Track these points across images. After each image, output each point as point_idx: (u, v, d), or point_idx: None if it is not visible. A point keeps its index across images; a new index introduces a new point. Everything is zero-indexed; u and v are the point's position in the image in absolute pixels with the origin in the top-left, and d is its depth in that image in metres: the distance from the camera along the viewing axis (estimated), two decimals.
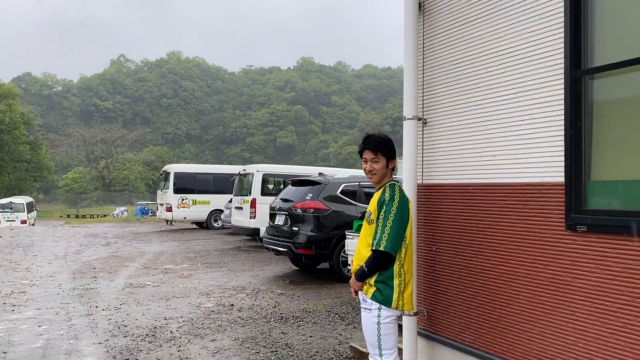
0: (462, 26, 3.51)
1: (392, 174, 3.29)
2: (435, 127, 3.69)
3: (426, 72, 3.81)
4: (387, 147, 3.21)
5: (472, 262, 3.42)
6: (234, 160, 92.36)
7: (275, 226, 9.83)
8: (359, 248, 3.26)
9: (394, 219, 3.01)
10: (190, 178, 21.42)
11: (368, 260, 3.08)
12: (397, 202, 3.05)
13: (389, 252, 2.99)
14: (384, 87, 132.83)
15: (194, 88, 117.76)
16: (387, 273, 3.08)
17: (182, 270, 10.71)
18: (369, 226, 3.18)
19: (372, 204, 3.18)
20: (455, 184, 3.53)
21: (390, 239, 2.98)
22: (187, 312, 6.98)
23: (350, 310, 7.02)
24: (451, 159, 3.56)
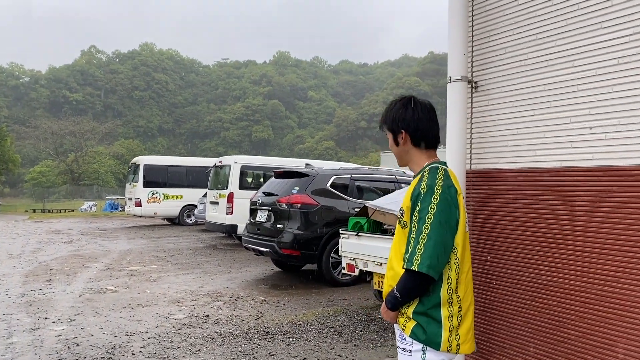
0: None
1: (429, 152, 2.26)
2: (491, 92, 2.70)
3: (477, 17, 2.81)
4: (389, 114, 2.25)
5: (552, 279, 2.43)
6: (208, 155, 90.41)
7: (256, 223, 8.76)
8: (391, 261, 2.25)
9: (434, 222, 2.02)
10: (161, 171, 20.14)
11: (399, 282, 2.10)
12: (439, 194, 2.05)
13: (425, 274, 2.00)
14: (360, 83, 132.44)
15: (167, 81, 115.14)
16: (431, 300, 2.09)
17: (150, 272, 9.57)
18: (402, 230, 2.18)
19: (405, 198, 2.18)
20: (523, 170, 2.54)
21: (428, 252, 1.99)
22: (153, 326, 5.89)
23: (347, 322, 6.03)
24: (515, 136, 2.58)
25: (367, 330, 5.69)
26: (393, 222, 6.02)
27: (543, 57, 2.45)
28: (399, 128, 2.22)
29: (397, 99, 2.27)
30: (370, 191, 8.83)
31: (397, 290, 2.11)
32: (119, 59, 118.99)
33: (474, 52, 2.81)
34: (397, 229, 2.24)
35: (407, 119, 2.22)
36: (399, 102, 2.25)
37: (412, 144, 2.23)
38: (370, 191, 8.83)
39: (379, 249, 5.94)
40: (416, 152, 2.24)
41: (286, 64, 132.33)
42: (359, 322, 6.03)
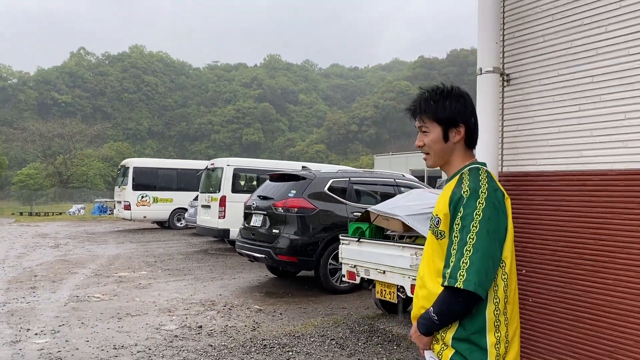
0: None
1: (469, 152, 1.97)
2: (526, 86, 2.42)
3: (509, 1, 2.52)
4: (443, 104, 1.90)
5: (603, 297, 2.14)
6: (198, 158, 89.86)
7: (250, 228, 8.43)
8: (422, 278, 1.94)
9: (480, 230, 1.72)
10: (151, 173, 19.71)
11: (437, 302, 1.79)
12: (485, 199, 1.76)
13: (474, 292, 1.69)
14: (351, 87, 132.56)
15: (157, 83, 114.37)
16: (475, 324, 1.78)
17: (139, 278, 9.19)
18: (436, 241, 1.88)
19: (441, 204, 1.88)
20: (566, 173, 2.25)
21: (476, 266, 1.69)
22: (143, 338, 5.54)
23: (349, 333, 5.71)
24: (556, 134, 2.29)
25: (371, 343, 5.38)
26: (397, 228, 5.73)
27: (591, 45, 2.17)
28: (458, 121, 1.90)
29: (442, 87, 1.95)
30: (369, 195, 8.54)
31: (434, 311, 1.79)
32: (109, 61, 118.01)
33: (505, 42, 2.52)
34: (430, 241, 1.94)
35: (467, 112, 1.91)
36: (451, 90, 1.93)
37: (464, 141, 1.93)
38: (369, 195, 8.54)
39: (382, 256, 5.65)
40: (461, 152, 1.94)
41: (277, 67, 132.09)
42: (361, 333, 5.72)
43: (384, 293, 5.81)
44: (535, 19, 2.42)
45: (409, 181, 9.06)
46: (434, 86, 1.98)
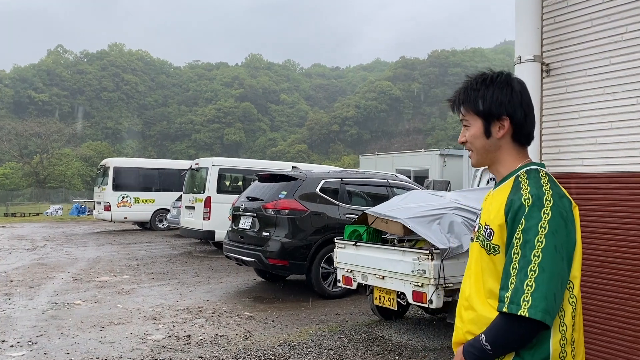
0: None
1: (522, 150, 1.67)
2: (570, 77, 2.17)
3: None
4: (484, 93, 1.62)
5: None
6: (179, 157, 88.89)
7: (239, 230, 8.10)
8: (468, 299, 1.65)
9: (547, 247, 1.43)
10: (131, 173, 19.22)
11: (492, 329, 1.50)
12: (550, 208, 1.47)
13: (540, 321, 1.41)
14: (333, 87, 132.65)
15: (136, 82, 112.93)
16: (536, 356, 1.49)
17: (122, 283, 8.79)
18: (487, 256, 1.59)
19: (492, 212, 1.60)
20: (620, 175, 1.99)
21: (542, 290, 1.41)
22: (128, 349, 5.19)
23: (346, 342, 5.43)
24: (608, 131, 2.03)
25: (371, 352, 5.11)
26: (397, 232, 5.46)
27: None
28: (501, 113, 1.61)
29: (487, 73, 1.66)
30: (361, 196, 8.27)
31: (486, 339, 1.50)
32: (87, 59, 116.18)
33: (543, 28, 2.26)
34: (477, 256, 1.64)
35: (514, 103, 1.61)
36: (496, 77, 1.63)
37: (512, 137, 1.64)
38: (361, 196, 8.27)
39: (381, 261, 5.38)
40: (510, 150, 1.65)
41: (258, 66, 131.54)
42: (359, 342, 5.44)
43: (383, 299, 5.54)
44: (580, 2, 2.17)
45: (402, 182, 8.82)
46: (479, 72, 1.69)
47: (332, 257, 7.30)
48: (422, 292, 4.93)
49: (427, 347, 5.28)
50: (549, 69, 2.27)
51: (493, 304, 1.55)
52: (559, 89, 2.27)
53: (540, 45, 2.20)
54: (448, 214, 5.36)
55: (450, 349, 5.22)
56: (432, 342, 5.48)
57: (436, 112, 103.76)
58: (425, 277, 4.88)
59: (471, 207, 5.55)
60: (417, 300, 5.01)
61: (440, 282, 4.84)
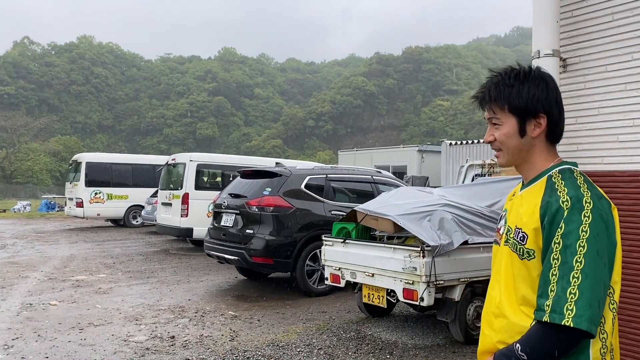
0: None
1: (553, 148, 1.59)
2: (589, 72, 2.12)
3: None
4: (519, 90, 1.52)
5: None
6: (150, 152, 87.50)
7: (221, 228, 7.93)
8: (499, 306, 1.56)
9: (589, 252, 1.36)
10: (104, 169, 18.75)
11: (529, 338, 1.42)
12: (590, 211, 1.39)
13: (586, 331, 1.34)
14: (308, 82, 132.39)
15: (107, 75, 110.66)
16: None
17: (98, 282, 8.54)
18: (520, 261, 1.51)
19: (525, 215, 1.51)
20: (635, 173, 1.94)
21: (587, 299, 1.34)
22: (110, 352, 5.01)
23: (336, 341, 5.34)
24: (630, 128, 1.97)
25: (361, 352, 5.04)
26: (387, 229, 5.40)
27: None
28: (538, 110, 1.52)
29: (517, 67, 1.56)
30: (347, 192, 8.19)
31: (522, 349, 1.42)
32: (55, 52, 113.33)
33: (560, 22, 2.20)
34: (509, 261, 1.55)
35: (550, 99, 1.52)
36: (529, 72, 1.54)
37: (545, 135, 1.55)
38: (347, 192, 8.19)
39: (370, 258, 5.32)
40: (542, 149, 1.56)
41: (232, 60, 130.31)
42: (349, 341, 5.37)
43: (372, 297, 5.48)
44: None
45: (386, 178, 8.77)
46: (507, 67, 1.60)
47: (317, 254, 7.24)
48: (413, 290, 4.88)
49: (417, 345, 5.23)
50: (566, 64, 2.22)
51: (526, 312, 1.48)
52: (577, 84, 2.21)
53: (558, 39, 2.15)
54: (438, 210, 5.32)
55: (440, 347, 5.19)
56: (422, 339, 5.44)
57: (410, 108, 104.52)
58: (417, 274, 4.83)
59: (460, 204, 5.52)
60: (407, 298, 4.96)
61: (432, 280, 4.80)
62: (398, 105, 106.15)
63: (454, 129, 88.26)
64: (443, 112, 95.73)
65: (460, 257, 5.03)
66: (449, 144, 17.45)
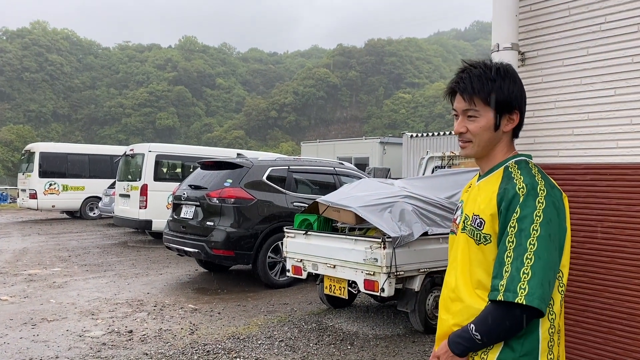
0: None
1: (513, 143, 1.68)
2: (546, 66, 2.15)
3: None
4: (500, 85, 1.57)
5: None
6: (108, 142, 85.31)
7: (180, 220, 7.80)
8: (455, 290, 1.62)
9: (542, 235, 1.43)
10: (59, 159, 18.15)
11: (483, 318, 1.49)
12: (544, 198, 1.47)
13: (536, 308, 1.41)
14: (270, 72, 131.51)
15: (62, 62, 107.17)
16: (526, 344, 1.49)
17: (53, 276, 8.28)
18: (477, 246, 1.56)
19: (482, 202, 1.57)
20: (597, 166, 1.99)
21: (538, 278, 1.41)
22: (65, 348, 4.86)
23: (297, 333, 5.33)
24: (585, 122, 2.02)
25: (322, 343, 5.05)
26: (348, 220, 5.41)
27: (633, 20, 1.91)
28: (514, 106, 1.59)
29: (493, 63, 1.62)
30: (309, 184, 8.16)
31: (476, 329, 1.48)
32: (7, 37, 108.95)
33: (519, 16, 2.22)
34: (465, 246, 1.61)
35: (523, 97, 1.62)
36: (506, 69, 1.60)
37: (513, 130, 1.63)
38: (309, 184, 8.16)
39: (332, 250, 5.32)
40: (507, 142, 1.64)
41: (193, 49, 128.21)
42: (310, 332, 5.37)
43: (334, 288, 5.49)
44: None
45: (348, 169, 8.80)
46: (482, 62, 1.63)
47: (279, 246, 7.21)
48: (374, 281, 4.92)
49: (377, 336, 5.28)
50: (524, 57, 2.25)
51: (481, 295, 1.54)
52: (534, 78, 2.25)
53: (517, 33, 2.17)
54: (399, 202, 5.36)
55: (400, 337, 5.25)
56: (382, 330, 5.49)
57: (373, 100, 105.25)
58: (377, 265, 4.86)
59: (420, 195, 5.58)
60: (368, 289, 4.99)
61: (392, 270, 4.84)
62: (360, 98, 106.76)
63: (415, 121, 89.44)
64: (404, 104, 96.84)
65: (420, 248, 5.09)
66: (410, 136, 17.65)
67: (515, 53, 2.13)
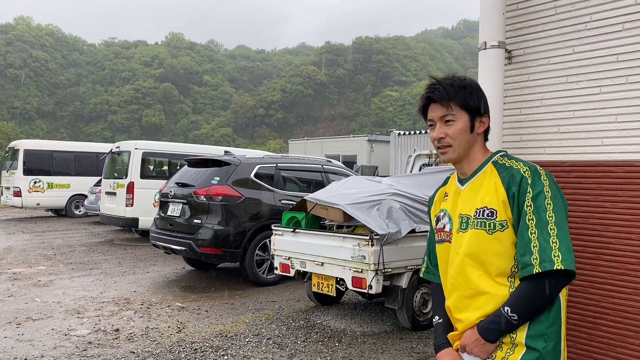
0: None
1: (485, 144, 1.82)
2: (533, 64, 2.17)
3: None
4: (470, 92, 1.71)
5: (627, 301, 1.93)
6: (94, 140, 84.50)
7: (167, 218, 7.75)
8: (472, 286, 1.66)
9: (555, 208, 1.57)
10: (44, 157, 17.95)
11: (517, 298, 1.57)
12: (546, 175, 1.62)
13: (572, 271, 1.54)
14: (258, 70, 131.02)
15: (46, 59, 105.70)
16: (552, 315, 1.58)
17: (37, 274, 8.19)
18: (489, 236, 1.62)
19: (488, 195, 1.66)
20: (582, 163, 2.01)
21: (566, 244, 1.53)
22: (50, 347, 4.82)
23: (285, 330, 5.33)
24: (570, 120, 2.04)
25: (310, 340, 5.05)
26: (336, 218, 5.41)
27: (617, 19, 1.93)
28: (485, 110, 1.74)
29: (461, 75, 1.77)
30: (297, 182, 8.16)
31: (513, 310, 1.55)
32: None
33: (506, 14, 2.23)
34: (473, 241, 1.66)
35: (488, 103, 1.78)
36: (471, 80, 1.77)
37: (484, 132, 1.78)
38: (297, 182, 8.16)
39: (320, 248, 5.32)
40: (481, 144, 1.78)
41: (180, 46, 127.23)
42: (298, 329, 5.37)
43: (322, 286, 5.50)
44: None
45: (336, 167, 8.80)
46: (451, 74, 1.78)
47: (267, 244, 7.20)
48: (362, 278, 4.93)
49: (365, 333, 5.30)
50: (511, 56, 2.27)
51: (501, 282, 1.62)
52: (521, 76, 2.26)
53: (504, 31, 2.18)
54: (386, 199, 5.38)
55: (388, 334, 5.27)
56: (370, 327, 5.51)
57: (360, 98, 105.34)
58: (365, 262, 4.87)
59: (408, 193, 5.61)
60: (356, 286, 5.00)
61: (380, 268, 4.86)
62: (348, 95, 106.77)
63: (402, 119, 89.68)
64: (392, 102, 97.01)
65: (407, 245, 5.11)
66: (398, 134, 17.70)
67: (502, 51, 2.15)
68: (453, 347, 1.73)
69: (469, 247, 1.66)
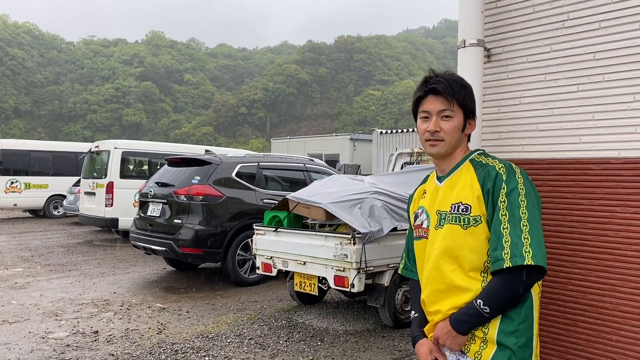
0: None
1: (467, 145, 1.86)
2: (511, 62, 2.18)
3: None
4: (469, 93, 1.75)
5: (605, 297, 1.94)
6: (73, 139, 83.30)
7: (147, 218, 7.66)
8: (446, 280, 1.67)
9: (529, 205, 1.59)
10: (21, 156, 17.64)
11: (489, 291, 1.58)
12: (520, 173, 1.65)
13: (542, 267, 1.55)
14: (240, 68, 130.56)
15: (24, 57, 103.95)
16: (522, 312, 1.60)
17: (14, 276, 8.04)
18: (464, 231, 1.64)
19: (464, 190, 1.68)
20: (560, 161, 2.03)
21: (537, 241, 1.55)
22: (27, 350, 4.72)
23: (267, 330, 5.30)
24: (549, 117, 2.06)
25: (292, 340, 5.03)
26: (319, 217, 5.40)
27: (593, 18, 1.94)
28: (474, 113, 1.81)
29: (456, 73, 1.84)
30: (279, 181, 8.12)
31: (485, 303, 1.56)
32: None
33: (484, 12, 2.23)
34: (448, 236, 1.67)
35: (474, 104, 1.84)
36: (465, 80, 1.80)
37: (469, 135, 1.85)
38: (279, 181, 8.12)
39: (302, 247, 5.30)
40: (465, 144, 1.82)
41: (160, 44, 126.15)
42: (280, 329, 5.35)
43: (304, 285, 5.48)
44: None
45: (318, 166, 8.79)
46: (449, 71, 1.80)
47: (248, 243, 7.15)
48: (344, 277, 4.92)
49: (347, 331, 5.29)
50: (490, 54, 2.27)
51: (474, 276, 1.63)
52: (500, 74, 2.27)
53: (483, 29, 2.19)
54: (368, 198, 5.38)
55: (370, 332, 5.27)
56: (352, 325, 5.51)
57: (343, 97, 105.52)
58: (347, 261, 4.87)
59: (390, 191, 5.61)
60: (339, 285, 4.99)
61: (362, 266, 4.86)
62: (331, 94, 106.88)
63: (384, 118, 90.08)
64: (374, 101, 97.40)
65: (389, 243, 5.12)
66: (380, 132, 17.75)
67: (481, 49, 2.16)
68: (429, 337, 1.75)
69: (444, 242, 1.68)
